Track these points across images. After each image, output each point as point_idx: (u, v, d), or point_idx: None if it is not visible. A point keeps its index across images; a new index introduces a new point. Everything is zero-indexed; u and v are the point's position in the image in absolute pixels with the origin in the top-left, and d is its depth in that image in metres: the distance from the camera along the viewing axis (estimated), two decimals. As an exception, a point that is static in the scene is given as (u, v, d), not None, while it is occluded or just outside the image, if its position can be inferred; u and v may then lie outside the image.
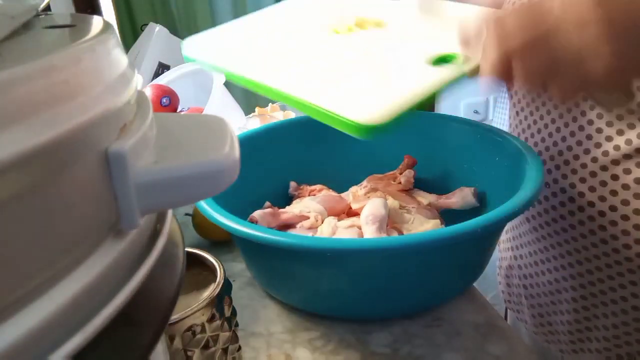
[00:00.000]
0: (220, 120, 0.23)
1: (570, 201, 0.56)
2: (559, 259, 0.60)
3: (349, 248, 0.47)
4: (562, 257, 0.59)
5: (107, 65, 0.18)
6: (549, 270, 0.62)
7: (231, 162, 0.20)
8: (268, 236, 0.47)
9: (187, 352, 0.40)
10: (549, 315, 0.65)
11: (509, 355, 0.50)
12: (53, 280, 0.15)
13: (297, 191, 0.72)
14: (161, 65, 1.66)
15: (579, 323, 0.62)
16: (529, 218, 0.62)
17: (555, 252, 0.60)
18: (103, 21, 0.21)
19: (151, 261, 0.19)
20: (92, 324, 0.16)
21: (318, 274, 0.52)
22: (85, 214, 0.16)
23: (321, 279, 0.53)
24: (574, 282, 0.59)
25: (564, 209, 0.57)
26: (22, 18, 0.20)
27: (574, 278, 0.59)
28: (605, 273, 0.56)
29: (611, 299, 0.57)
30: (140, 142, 0.18)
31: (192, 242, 0.72)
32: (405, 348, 0.51)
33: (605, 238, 0.54)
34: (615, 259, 0.55)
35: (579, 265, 0.58)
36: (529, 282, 0.67)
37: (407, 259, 0.50)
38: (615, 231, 0.54)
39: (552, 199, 0.58)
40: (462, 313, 0.56)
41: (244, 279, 0.63)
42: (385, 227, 0.56)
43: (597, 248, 0.55)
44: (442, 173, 0.70)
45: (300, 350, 0.52)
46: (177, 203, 0.19)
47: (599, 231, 0.55)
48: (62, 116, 0.15)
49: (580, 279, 0.58)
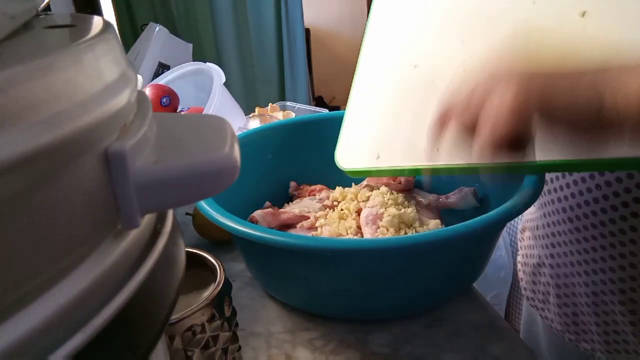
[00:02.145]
0: (220, 120, 0.22)
1: (623, 206, 0.54)
2: (600, 262, 0.59)
3: (349, 248, 0.47)
4: (604, 260, 0.58)
5: (107, 65, 0.18)
6: (586, 272, 0.61)
7: (231, 162, 0.20)
8: (268, 236, 0.47)
9: (187, 352, 0.40)
10: (584, 315, 0.64)
11: (509, 355, 0.50)
12: (53, 280, 0.15)
13: (297, 191, 0.72)
14: (161, 65, 1.66)
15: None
16: (572, 218, 0.60)
17: (597, 255, 0.59)
18: (103, 21, 0.21)
19: (151, 261, 0.19)
20: (92, 324, 0.16)
21: (318, 274, 0.52)
22: (85, 214, 0.16)
23: (321, 279, 0.53)
24: (623, 285, 0.58)
25: (615, 213, 0.55)
26: (22, 18, 0.20)
27: (623, 281, 0.58)
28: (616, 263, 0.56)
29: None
30: (140, 142, 0.18)
31: (192, 242, 0.72)
32: (405, 348, 0.51)
33: None
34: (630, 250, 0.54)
35: (621, 271, 0.57)
36: (563, 281, 0.66)
37: (407, 259, 0.50)
38: None
39: (602, 202, 0.56)
40: (462, 313, 0.56)
41: (244, 279, 0.63)
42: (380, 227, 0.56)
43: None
44: (442, 173, 0.70)
45: (300, 350, 0.52)
46: (177, 203, 0.19)
47: None
48: (62, 116, 0.15)
49: (626, 283, 0.57)
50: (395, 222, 0.57)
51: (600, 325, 0.63)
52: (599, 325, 0.63)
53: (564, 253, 0.64)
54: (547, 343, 0.72)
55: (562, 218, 0.62)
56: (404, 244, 0.46)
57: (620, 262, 0.57)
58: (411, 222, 0.58)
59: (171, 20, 2.11)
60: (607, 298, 0.60)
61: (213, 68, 1.14)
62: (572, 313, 0.66)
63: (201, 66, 1.24)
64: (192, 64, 1.29)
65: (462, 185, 0.65)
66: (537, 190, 0.50)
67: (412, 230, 0.58)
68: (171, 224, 0.22)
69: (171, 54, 1.70)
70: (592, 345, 0.65)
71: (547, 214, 0.65)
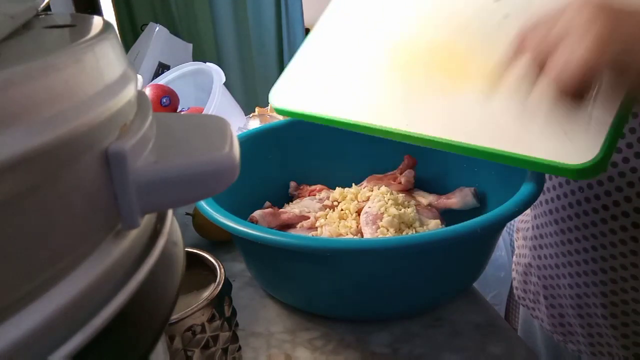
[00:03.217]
0: (220, 120, 0.22)
1: (604, 208, 0.55)
2: (582, 265, 0.59)
3: (349, 248, 0.47)
4: (587, 263, 0.58)
5: (107, 65, 0.18)
6: (570, 274, 0.61)
7: (231, 162, 0.20)
8: (268, 236, 0.47)
9: (187, 352, 0.40)
10: (570, 317, 0.65)
11: (509, 355, 0.50)
12: (53, 280, 0.15)
13: (297, 191, 0.72)
14: (161, 65, 1.66)
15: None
16: (558, 220, 0.61)
17: (580, 257, 0.59)
18: (103, 21, 0.21)
19: (151, 261, 0.19)
20: (92, 324, 0.16)
21: (318, 274, 0.52)
22: (85, 214, 0.16)
23: (321, 279, 0.53)
24: (605, 288, 0.58)
25: (596, 215, 0.55)
26: (22, 18, 0.20)
27: (605, 284, 0.58)
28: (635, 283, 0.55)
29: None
30: (140, 142, 0.18)
31: (192, 242, 0.72)
32: (405, 348, 0.51)
33: (636, 250, 0.53)
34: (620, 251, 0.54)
35: (602, 274, 0.57)
36: (549, 282, 0.66)
37: (407, 259, 0.50)
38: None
39: (584, 204, 0.56)
40: (462, 313, 0.56)
41: (244, 279, 0.63)
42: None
43: (626, 258, 0.54)
44: (442, 173, 0.70)
45: (300, 350, 0.52)
46: (177, 203, 0.19)
47: (630, 242, 0.54)
48: (62, 116, 0.15)
49: (607, 285, 0.58)
50: (395, 222, 0.57)
51: (584, 327, 0.63)
52: (583, 327, 0.63)
53: (549, 255, 0.64)
54: (543, 342, 0.72)
55: (549, 220, 0.62)
56: (404, 244, 0.46)
57: (602, 265, 0.57)
58: (411, 222, 0.58)
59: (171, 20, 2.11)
60: (590, 300, 0.60)
61: (213, 68, 1.14)
62: (559, 314, 0.66)
63: (201, 66, 1.24)
64: (192, 64, 1.29)
65: (462, 185, 0.65)
66: (537, 190, 0.50)
67: (412, 230, 0.58)
68: (171, 224, 0.22)
69: (171, 54, 1.70)
70: (578, 346, 0.65)
71: (536, 215, 0.65)
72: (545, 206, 0.62)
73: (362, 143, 0.74)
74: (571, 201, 0.58)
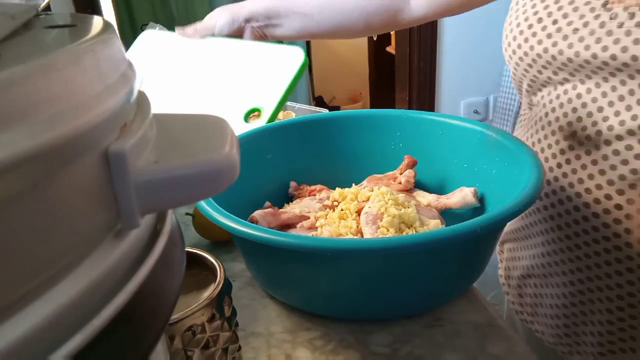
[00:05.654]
0: (220, 120, 0.22)
1: (594, 216, 0.57)
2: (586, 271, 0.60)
3: (349, 248, 0.47)
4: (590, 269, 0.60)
5: (107, 65, 0.18)
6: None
7: (231, 162, 0.20)
8: (268, 236, 0.47)
9: (187, 352, 0.40)
10: (542, 306, 0.66)
11: (509, 355, 0.50)
12: (53, 280, 0.15)
13: (297, 191, 0.72)
14: (161, 65, 1.66)
15: (567, 318, 0.63)
16: (555, 228, 0.62)
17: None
18: (103, 21, 0.21)
19: (151, 261, 0.19)
20: (92, 324, 0.16)
21: (318, 274, 0.52)
22: (85, 214, 0.16)
23: (321, 279, 0.53)
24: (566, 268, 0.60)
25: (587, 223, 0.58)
26: (22, 18, 0.20)
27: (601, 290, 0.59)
28: (602, 270, 0.57)
29: (606, 296, 0.57)
30: (140, 142, 0.18)
31: (192, 242, 0.71)
32: (405, 348, 0.51)
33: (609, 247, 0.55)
34: (615, 257, 0.55)
35: (571, 263, 0.59)
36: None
37: (407, 259, 0.50)
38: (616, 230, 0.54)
39: (574, 213, 0.59)
40: (462, 313, 0.56)
41: (244, 279, 0.63)
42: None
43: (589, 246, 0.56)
44: (442, 173, 0.70)
45: (300, 350, 0.52)
46: (177, 203, 0.19)
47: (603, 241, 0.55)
48: (62, 116, 0.15)
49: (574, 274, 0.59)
50: (395, 222, 0.57)
51: (553, 318, 0.64)
52: (552, 318, 0.64)
53: (547, 264, 0.64)
54: None
55: (550, 227, 0.63)
56: (404, 244, 0.46)
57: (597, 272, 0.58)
58: (411, 222, 0.58)
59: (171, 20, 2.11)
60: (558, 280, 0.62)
61: (213, 68, 1.14)
62: (564, 325, 0.66)
63: (201, 66, 1.24)
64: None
65: (462, 185, 0.65)
66: (537, 191, 0.50)
67: (412, 230, 0.58)
68: (171, 224, 0.22)
69: (171, 54, 1.70)
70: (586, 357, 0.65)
71: (531, 223, 0.66)
72: (545, 212, 0.63)
73: (362, 143, 0.74)
74: (568, 207, 0.59)
